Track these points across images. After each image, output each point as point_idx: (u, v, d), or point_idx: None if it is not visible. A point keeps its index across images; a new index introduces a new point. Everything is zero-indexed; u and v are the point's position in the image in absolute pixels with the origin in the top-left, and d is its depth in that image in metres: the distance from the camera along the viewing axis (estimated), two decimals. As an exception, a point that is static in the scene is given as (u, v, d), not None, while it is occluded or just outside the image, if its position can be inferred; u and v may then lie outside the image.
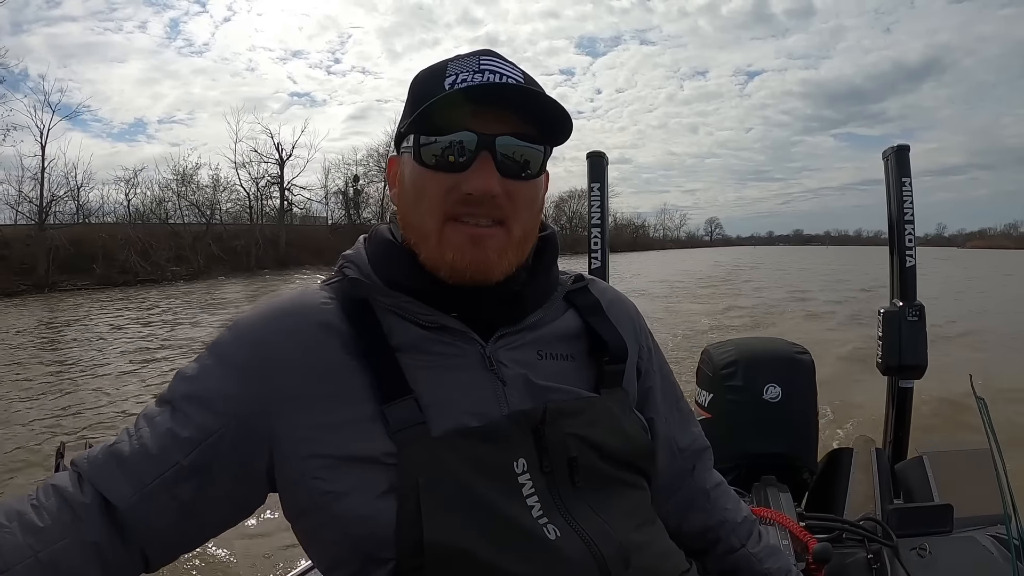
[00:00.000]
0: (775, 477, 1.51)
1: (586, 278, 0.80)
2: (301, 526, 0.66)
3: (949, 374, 2.74)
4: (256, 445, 0.63)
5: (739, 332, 11.00)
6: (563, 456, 0.65)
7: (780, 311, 13.38)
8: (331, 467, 0.61)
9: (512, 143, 0.64)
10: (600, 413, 0.70)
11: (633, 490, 0.71)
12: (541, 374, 0.69)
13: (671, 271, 28.81)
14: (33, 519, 0.57)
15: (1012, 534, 0.90)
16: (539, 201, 0.70)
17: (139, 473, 0.60)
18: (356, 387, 0.63)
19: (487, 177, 0.63)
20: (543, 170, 0.68)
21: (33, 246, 22.76)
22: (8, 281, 20.63)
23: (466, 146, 0.63)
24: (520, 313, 0.70)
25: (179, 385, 0.65)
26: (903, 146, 2.07)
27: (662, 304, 14.45)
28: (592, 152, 2.12)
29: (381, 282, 0.69)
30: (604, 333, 0.75)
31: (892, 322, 2.03)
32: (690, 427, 0.86)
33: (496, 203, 0.63)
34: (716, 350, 1.80)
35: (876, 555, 1.18)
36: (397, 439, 0.61)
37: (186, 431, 0.61)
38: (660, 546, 0.70)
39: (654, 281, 21.99)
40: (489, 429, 0.63)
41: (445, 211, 0.64)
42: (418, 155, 0.65)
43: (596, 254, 2.11)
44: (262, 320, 0.67)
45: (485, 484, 0.61)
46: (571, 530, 0.62)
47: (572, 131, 0.68)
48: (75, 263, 23.04)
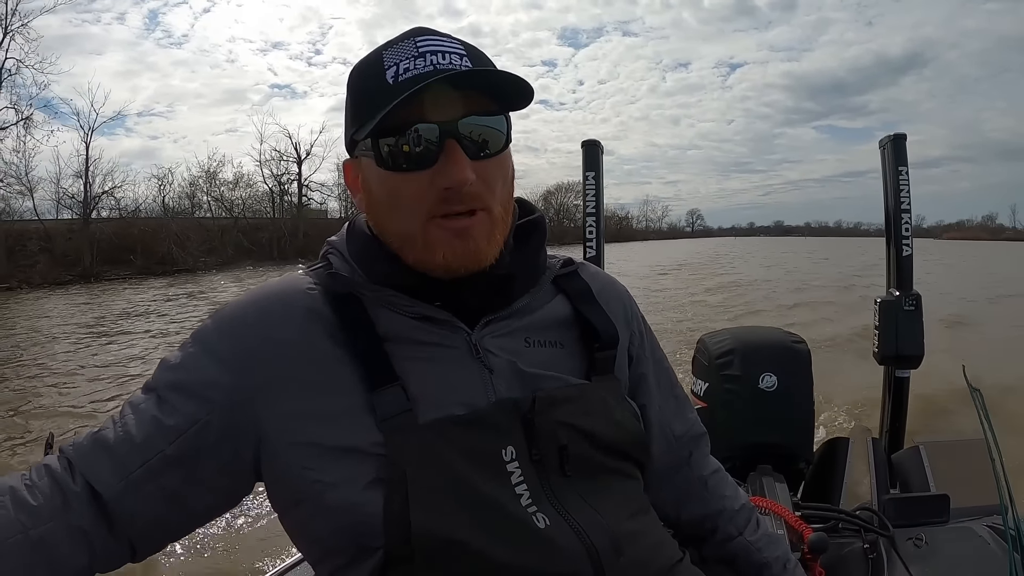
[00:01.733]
0: (771, 467, 1.51)
1: (575, 262, 0.79)
2: (289, 517, 0.65)
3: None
4: (242, 433, 0.62)
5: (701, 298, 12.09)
6: (553, 445, 0.64)
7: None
8: (319, 456, 0.60)
9: (473, 122, 0.61)
10: (591, 401, 0.69)
11: (626, 479, 0.70)
12: (529, 361, 0.67)
13: (657, 259, 31.02)
14: (26, 496, 0.57)
15: (1008, 524, 0.90)
16: (510, 172, 0.67)
17: (124, 462, 0.60)
18: (343, 375, 0.62)
19: (460, 167, 0.60)
20: (509, 140, 0.65)
21: (75, 239, 24.09)
22: (56, 272, 22.16)
23: (429, 138, 0.60)
24: (505, 299, 0.69)
25: (164, 373, 0.64)
26: (900, 135, 2.05)
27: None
28: (587, 140, 2.10)
29: (364, 275, 0.68)
30: (594, 319, 0.73)
31: (889, 311, 2.03)
32: (686, 413, 0.85)
33: (473, 191, 0.61)
34: (712, 339, 1.79)
35: (872, 545, 1.18)
36: (384, 428, 0.60)
37: (171, 419, 0.61)
38: (653, 536, 0.69)
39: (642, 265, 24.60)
40: (477, 417, 0.62)
41: (426, 211, 0.61)
42: (380, 159, 0.62)
43: (591, 243, 2.10)
44: (246, 308, 0.66)
45: (473, 473, 0.60)
46: (561, 519, 0.61)
47: (532, 93, 0.63)
48: (115, 255, 24.81)
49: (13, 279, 20.75)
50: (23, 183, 24.91)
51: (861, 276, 16.72)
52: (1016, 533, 0.89)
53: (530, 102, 0.64)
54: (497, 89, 0.62)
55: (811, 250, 41.44)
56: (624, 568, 0.62)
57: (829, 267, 23.89)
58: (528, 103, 0.64)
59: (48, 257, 22.76)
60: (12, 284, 20.33)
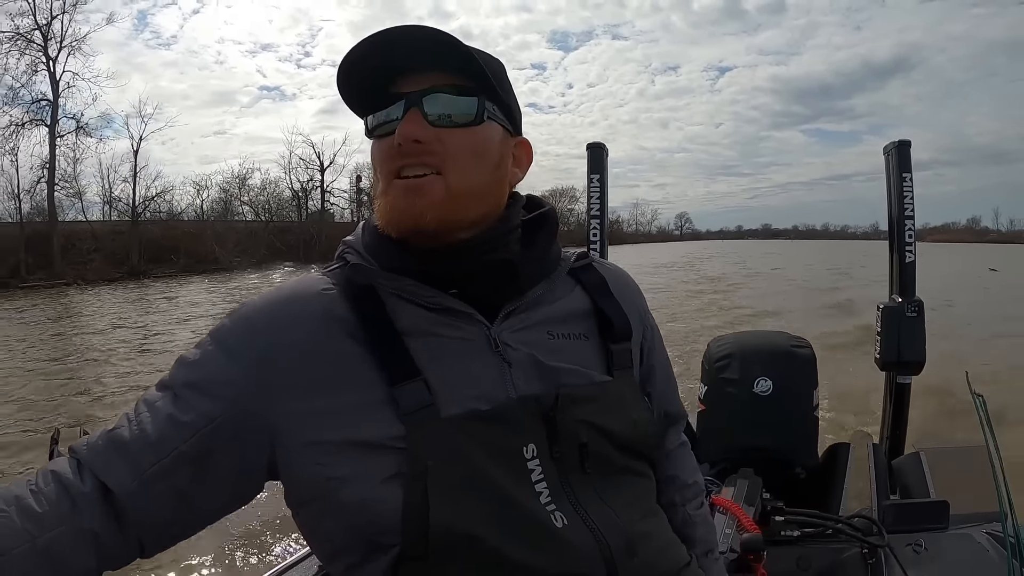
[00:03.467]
0: (753, 470, 1.50)
1: (590, 256, 0.80)
2: (303, 514, 0.65)
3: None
4: (257, 432, 0.62)
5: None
6: (574, 443, 0.64)
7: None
8: (335, 453, 0.60)
9: (439, 97, 0.65)
10: (612, 399, 0.69)
11: (639, 478, 0.70)
12: (552, 354, 0.67)
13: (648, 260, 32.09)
14: (31, 504, 0.56)
15: (1008, 531, 0.90)
16: (488, 154, 0.68)
17: (138, 459, 0.59)
18: (362, 371, 0.63)
19: (409, 124, 0.64)
20: (481, 118, 0.67)
21: (122, 239, 26.42)
22: (106, 270, 24.29)
23: (398, 109, 0.65)
24: (518, 288, 0.69)
25: (180, 371, 0.64)
26: (904, 141, 2.05)
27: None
28: (592, 143, 2.11)
29: (380, 266, 0.68)
30: (610, 312, 0.74)
31: (891, 318, 2.03)
32: (676, 397, 0.88)
33: (425, 149, 0.64)
34: (716, 343, 1.80)
35: (871, 550, 1.18)
36: (407, 421, 0.60)
37: (186, 417, 0.61)
38: (664, 537, 0.70)
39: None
40: (499, 413, 0.62)
41: (388, 170, 0.66)
42: (368, 130, 0.69)
43: (595, 246, 2.10)
44: (264, 307, 0.67)
45: (494, 468, 0.60)
46: (578, 518, 0.62)
47: (502, 74, 0.69)
48: (159, 254, 27.07)
49: (68, 276, 22.61)
50: (73, 186, 27.28)
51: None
52: (1015, 540, 0.90)
53: (493, 80, 0.66)
54: (471, 72, 0.65)
55: (816, 254, 41.27)
56: (636, 569, 0.62)
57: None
58: (490, 81, 0.66)
59: (101, 255, 24.95)
60: (69, 280, 22.14)
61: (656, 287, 16.40)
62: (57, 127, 25.90)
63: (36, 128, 25.51)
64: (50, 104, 25.63)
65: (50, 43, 25.03)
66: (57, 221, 25.32)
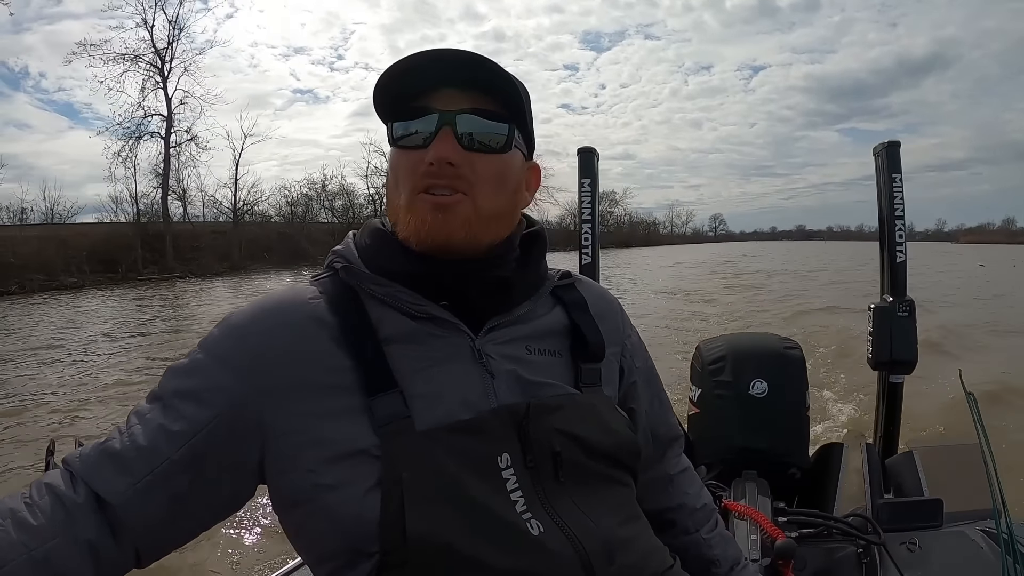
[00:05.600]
0: (756, 472, 1.51)
1: (573, 275, 0.82)
2: (289, 519, 0.66)
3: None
4: (247, 438, 0.62)
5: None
6: (547, 451, 0.65)
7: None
8: (321, 460, 0.61)
9: (473, 119, 0.67)
10: (584, 409, 0.70)
11: (618, 486, 0.71)
12: (531, 369, 0.69)
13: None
14: (27, 517, 0.57)
15: (1001, 528, 0.91)
16: (510, 180, 0.71)
17: (131, 469, 0.60)
18: (346, 380, 0.63)
19: (444, 145, 0.65)
20: (509, 146, 0.69)
21: (223, 238, 29.92)
22: (211, 265, 27.52)
23: (429, 122, 0.66)
24: (508, 303, 0.71)
25: (170, 381, 0.65)
26: (894, 142, 2.07)
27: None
28: (582, 148, 2.11)
29: (372, 272, 0.69)
30: (586, 331, 0.76)
31: (882, 317, 2.03)
32: (668, 417, 0.89)
33: (457, 172, 0.65)
34: (707, 346, 1.80)
35: (866, 550, 1.18)
36: (381, 433, 0.61)
37: (177, 425, 0.61)
38: (645, 543, 0.70)
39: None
40: (474, 423, 0.63)
41: (414, 185, 0.66)
42: (392, 139, 0.69)
43: (587, 250, 2.10)
44: (251, 316, 0.68)
45: (469, 478, 0.61)
46: (554, 525, 0.62)
47: (528, 102, 0.70)
48: (254, 252, 30.67)
49: (178, 270, 25.99)
50: (179, 189, 30.96)
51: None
52: (1009, 537, 0.90)
53: (523, 104, 0.69)
54: (505, 97, 0.67)
55: (854, 256, 34.83)
56: (615, 575, 0.62)
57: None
58: (523, 109, 0.69)
59: (205, 253, 28.41)
60: (181, 274, 25.50)
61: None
62: (171, 139, 29.55)
63: (153, 140, 29.36)
64: (164, 119, 29.35)
65: (165, 65, 28.86)
66: (171, 221, 28.89)
